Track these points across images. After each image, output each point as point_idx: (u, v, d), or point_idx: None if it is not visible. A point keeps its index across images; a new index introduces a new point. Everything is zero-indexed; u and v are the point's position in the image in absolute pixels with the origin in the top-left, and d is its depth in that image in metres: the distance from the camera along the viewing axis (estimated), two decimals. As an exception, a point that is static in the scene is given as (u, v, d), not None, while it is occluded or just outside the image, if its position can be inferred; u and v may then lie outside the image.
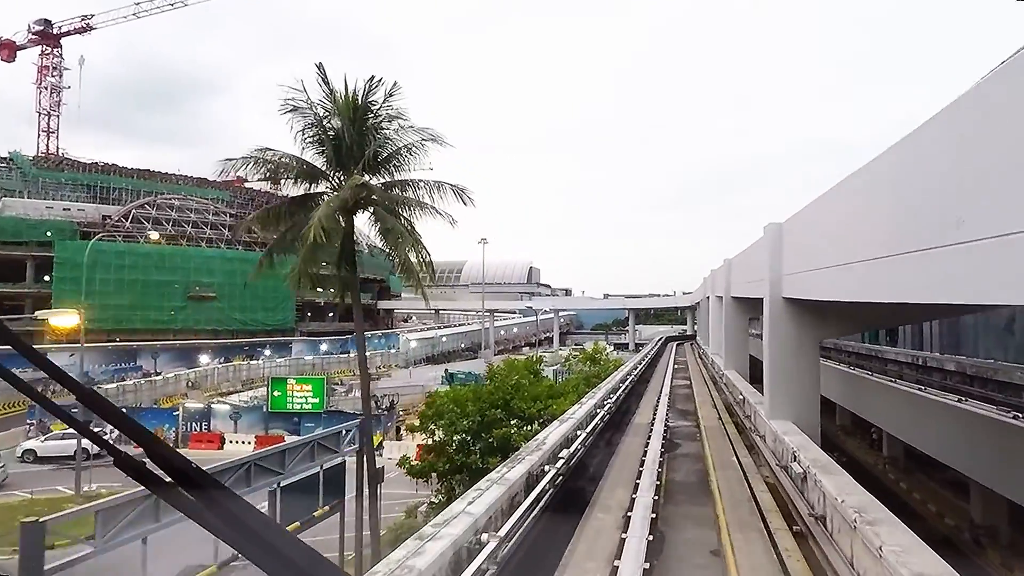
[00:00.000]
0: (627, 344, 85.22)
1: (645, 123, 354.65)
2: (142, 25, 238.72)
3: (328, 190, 16.40)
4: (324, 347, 56.67)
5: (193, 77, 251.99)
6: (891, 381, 22.24)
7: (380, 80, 15.92)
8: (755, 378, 17.03)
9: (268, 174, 18.38)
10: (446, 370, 50.62)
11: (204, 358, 51.50)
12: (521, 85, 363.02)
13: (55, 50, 69.64)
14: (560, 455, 9.66)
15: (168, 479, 0.90)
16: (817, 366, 12.18)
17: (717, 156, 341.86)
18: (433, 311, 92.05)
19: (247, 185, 76.86)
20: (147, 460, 0.93)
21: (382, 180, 16.53)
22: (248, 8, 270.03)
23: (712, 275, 29.51)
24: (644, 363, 31.30)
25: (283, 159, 16.05)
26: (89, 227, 57.21)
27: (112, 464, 0.95)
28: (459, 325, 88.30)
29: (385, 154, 16.09)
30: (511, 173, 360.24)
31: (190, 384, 40.36)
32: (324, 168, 16.32)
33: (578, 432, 11.85)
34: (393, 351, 61.82)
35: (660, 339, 66.00)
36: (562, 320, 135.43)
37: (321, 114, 15.87)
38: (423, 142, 16.18)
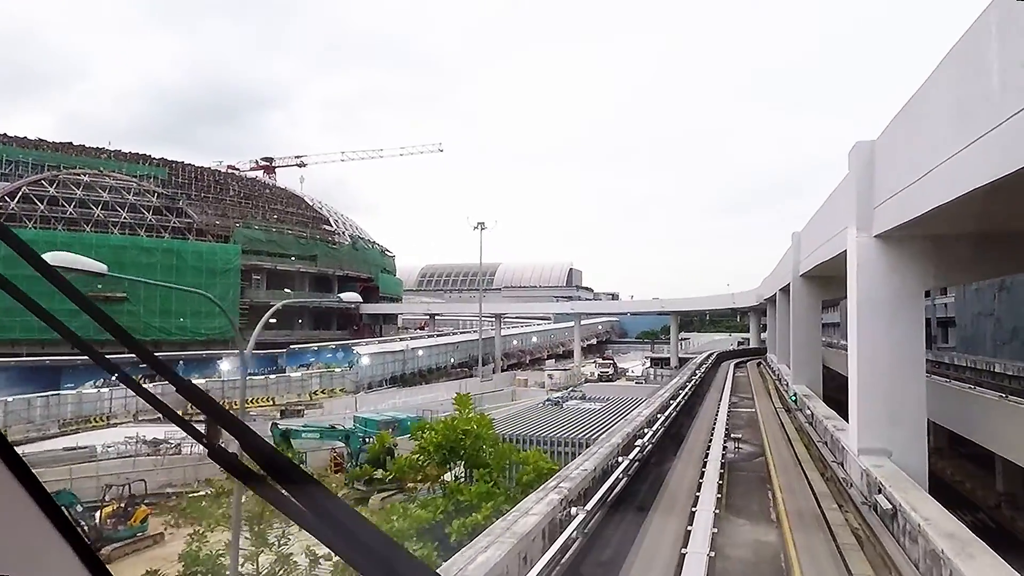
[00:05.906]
0: (668, 359, 66.39)
1: (704, 131, 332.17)
2: (206, 45, 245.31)
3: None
4: (225, 366, 41.99)
5: (253, 93, 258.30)
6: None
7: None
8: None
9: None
10: (275, 424, 30.55)
11: (70, 380, 37.91)
12: (560, 94, 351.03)
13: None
14: None
15: (260, 471, 0.87)
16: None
17: (783, 160, 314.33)
18: (428, 315, 76.57)
19: (189, 162, 64.14)
20: (240, 452, 0.91)
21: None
22: (300, 26, 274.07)
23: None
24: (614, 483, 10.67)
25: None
26: (-38, 209, 45.45)
27: (206, 455, 0.94)
28: (462, 332, 72.37)
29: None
30: (574, 185, 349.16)
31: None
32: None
33: None
34: (339, 370, 46.70)
35: (709, 356, 47.41)
36: (600, 328, 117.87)
37: None
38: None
